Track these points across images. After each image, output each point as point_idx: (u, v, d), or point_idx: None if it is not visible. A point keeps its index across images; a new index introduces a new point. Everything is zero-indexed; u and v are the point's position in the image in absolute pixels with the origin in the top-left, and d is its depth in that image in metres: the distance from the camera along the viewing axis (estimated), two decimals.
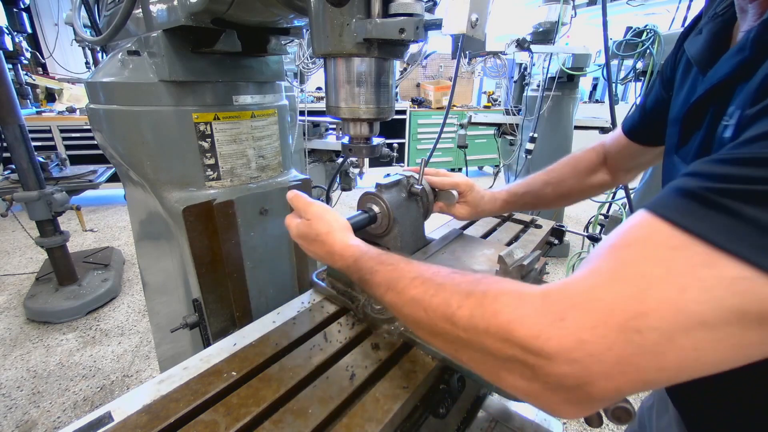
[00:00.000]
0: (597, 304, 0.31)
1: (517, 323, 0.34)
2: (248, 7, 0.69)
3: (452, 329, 0.40)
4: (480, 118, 3.21)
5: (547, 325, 0.32)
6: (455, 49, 1.93)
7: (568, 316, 0.32)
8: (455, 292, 0.41)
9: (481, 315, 0.37)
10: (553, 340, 0.32)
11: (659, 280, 0.30)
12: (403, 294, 0.48)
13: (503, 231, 1.13)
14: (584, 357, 0.31)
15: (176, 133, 0.81)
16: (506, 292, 0.37)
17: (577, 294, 0.33)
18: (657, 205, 0.34)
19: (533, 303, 0.35)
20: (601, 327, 0.30)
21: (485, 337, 0.36)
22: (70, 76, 4.54)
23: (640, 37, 2.16)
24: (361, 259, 0.58)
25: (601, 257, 0.34)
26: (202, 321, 0.92)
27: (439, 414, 0.65)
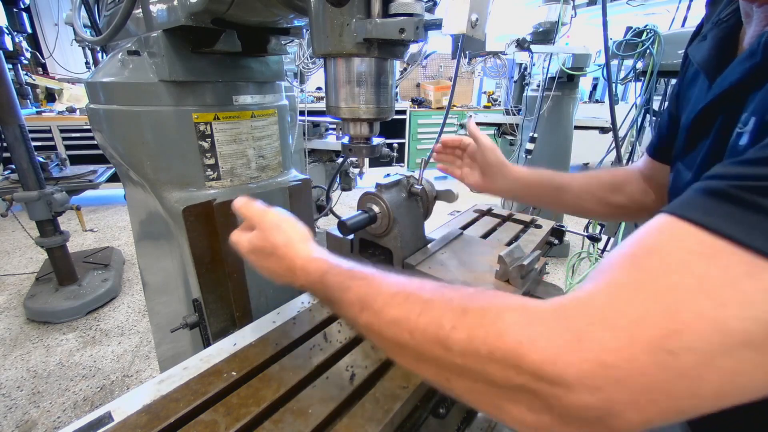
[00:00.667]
0: (620, 322, 0.27)
1: (527, 346, 0.29)
2: (248, 7, 0.69)
3: (445, 354, 0.34)
4: (480, 118, 3.21)
5: (563, 348, 0.28)
6: (455, 49, 1.93)
7: (587, 336, 0.27)
8: (447, 309, 0.35)
9: (483, 337, 0.31)
10: (572, 365, 0.27)
11: (693, 293, 0.26)
12: (381, 314, 0.40)
13: (503, 231, 1.13)
14: (609, 384, 0.26)
15: (176, 133, 0.81)
16: (511, 309, 0.32)
17: (595, 309, 0.29)
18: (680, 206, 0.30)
19: (545, 321, 0.30)
20: (628, 348, 0.26)
21: (488, 364, 0.31)
22: (70, 76, 4.54)
23: (640, 37, 2.15)
24: (329, 273, 0.49)
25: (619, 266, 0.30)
26: (202, 321, 0.92)
27: (439, 414, 0.65)
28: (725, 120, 0.46)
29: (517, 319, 0.31)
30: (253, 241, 0.57)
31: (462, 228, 1.07)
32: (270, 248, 0.56)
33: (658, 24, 2.15)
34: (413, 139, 5.50)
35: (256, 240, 0.57)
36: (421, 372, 0.39)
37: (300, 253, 0.53)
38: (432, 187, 0.87)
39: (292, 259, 0.53)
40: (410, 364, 0.39)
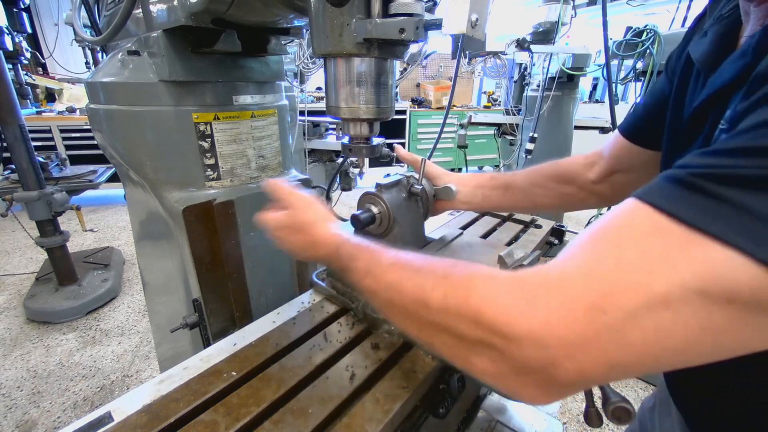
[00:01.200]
0: (567, 287, 0.31)
1: (487, 305, 0.34)
2: (248, 7, 0.69)
3: (425, 312, 0.39)
4: (480, 118, 3.21)
5: (516, 307, 0.32)
6: (455, 49, 1.93)
7: (537, 298, 0.32)
8: (431, 275, 0.41)
9: (454, 296, 0.37)
10: (521, 322, 0.32)
11: (631, 265, 0.30)
12: (379, 279, 0.47)
13: (503, 231, 1.13)
14: (551, 339, 0.30)
15: (176, 133, 0.81)
16: (480, 275, 0.37)
17: (549, 278, 0.33)
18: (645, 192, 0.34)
19: (504, 285, 0.35)
20: (568, 308, 0.30)
21: (457, 320, 0.36)
22: (70, 76, 4.54)
23: (640, 37, 2.16)
24: (343, 246, 0.57)
25: (580, 243, 0.34)
26: (202, 321, 0.92)
27: (439, 414, 0.65)
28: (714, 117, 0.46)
29: (482, 282, 0.36)
30: (283, 219, 0.65)
31: (462, 228, 1.07)
32: (298, 225, 0.64)
33: (658, 24, 2.15)
34: (413, 139, 5.50)
35: (286, 218, 0.65)
36: (408, 329, 0.44)
37: (321, 229, 0.62)
38: (432, 187, 0.87)
39: (315, 235, 0.62)
40: (400, 321, 0.46)
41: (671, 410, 0.70)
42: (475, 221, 1.19)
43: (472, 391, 0.93)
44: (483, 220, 1.20)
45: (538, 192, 0.86)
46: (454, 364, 0.40)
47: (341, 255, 0.57)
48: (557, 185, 0.85)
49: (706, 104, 0.49)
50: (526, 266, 0.69)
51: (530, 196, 0.86)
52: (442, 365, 0.66)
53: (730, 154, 0.30)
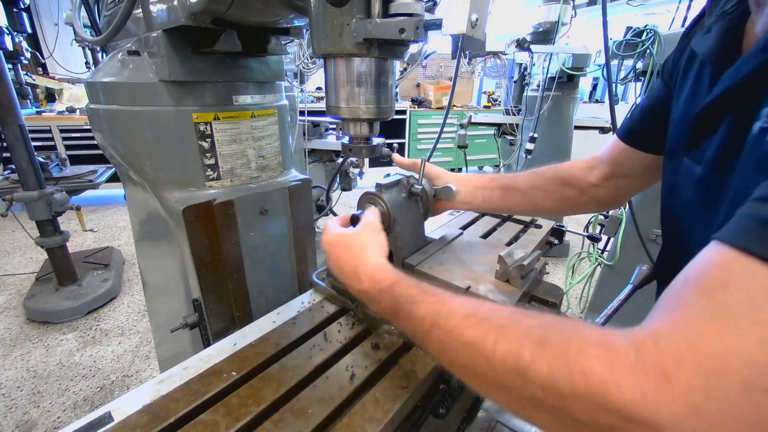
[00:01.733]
0: (707, 361, 0.26)
1: (613, 387, 0.28)
2: (248, 7, 0.69)
3: (524, 385, 0.33)
4: (480, 118, 3.21)
5: (652, 389, 0.27)
6: (455, 49, 1.93)
7: (674, 376, 0.26)
8: (525, 338, 0.34)
9: (566, 374, 0.30)
10: (662, 407, 0.26)
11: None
12: (455, 335, 0.40)
13: (503, 231, 1.13)
14: (702, 428, 0.25)
15: (176, 133, 0.81)
16: (592, 344, 0.31)
17: (679, 348, 0.28)
18: (742, 238, 0.29)
19: (628, 360, 0.29)
20: (719, 389, 0.25)
21: (571, 401, 0.30)
22: (70, 76, 4.54)
23: (640, 37, 2.15)
24: (399, 284, 0.50)
25: (689, 301, 0.30)
26: (202, 321, 0.92)
27: (439, 414, 0.65)
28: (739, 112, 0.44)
29: (599, 355, 0.30)
30: (342, 234, 0.62)
31: (462, 228, 1.07)
32: (348, 242, 0.60)
33: (658, 24, 2.15)
34: (413, 139, 5.50)
35: (342, 234, 0.62)
36: (495, 398, 0.38)
37: (371, 258, 0.57)
38: (431, 187, 0.87)
39: (362, 261, 0.56)
40: (484, 389, 0.39)
41: None
42: (475, 221, 1.19)
43: (472, 391, 0.93)
44: (483, 220, 1.20)
45: (538, 195, 0.85)
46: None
47: (396, 294, 0.49)
48: (558, 188, 0.84)
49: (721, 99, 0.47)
50: (526, 266, 0.69)
51: (531, 198, 0.85)
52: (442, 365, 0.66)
53: None
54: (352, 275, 0.57)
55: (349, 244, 0.60)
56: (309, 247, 1.09)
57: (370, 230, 0.63)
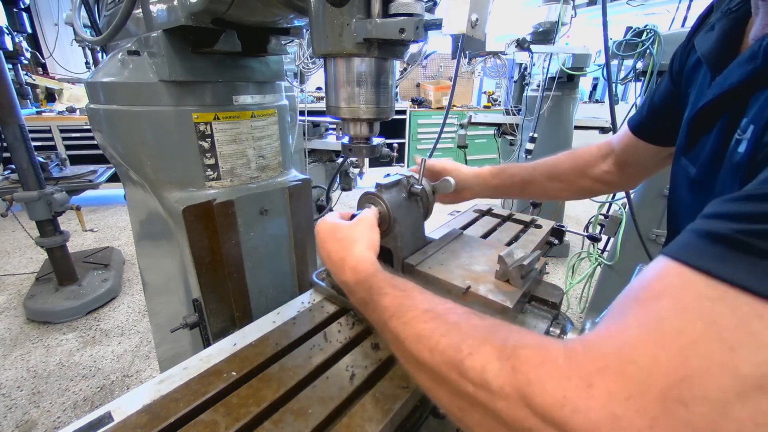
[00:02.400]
0: (630, 368, 0.26)
1: (537, 385, 0.28)
2: (248, 7, 0.69)
3: (459, 380, 0.33)
4: (480, 118, 3.21)
5: (572, 392, 0.27)
6: (455, 49, 1.93)
7: (596, 382, 0.27)
8: (469, 335, 0.35)
9: (497, 371, 0.31)
10: (579, 412, 0.26)
11: (702, 337, 0.25)
12: (409, 326, 0.41)
13: (503, 231, 1.13)
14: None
15: (176, 133, 0.81)
16: (528, 346, 0.31)
17: (605, 355, 0.28)
18: (683, 251, 0.30)
19: (556, 363, 0.29)
20: (637, 398, 0.25)
21: (498, 399, 0.30)
22: (70, 76, 4.54)
23: (640, 37, 2.15)
24: (375, 276, 0.52)
25: (627, 311, 0.30)
26: (202, 321, 0.92)
27: (439, 414, 0.65)
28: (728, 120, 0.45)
29: (530, 357, 0.30)
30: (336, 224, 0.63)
31: (462, 228, 1.07)
32: (341, 234, 0.61)
33: (658, 24, 2.15)
34: (413, 139, 5.50)
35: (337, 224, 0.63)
36: (436, 396, 0.38)
37: (357, 252, 0.58)
38: (431, 185, 0.87)
39: (349, 253, 0.58)
40: (427, 383, 0.39)
41: None
42: (475, 221, 1.19)
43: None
44: (483, 220, 1.20)
45: (556, 186, 0.89)
46: None
47: (369, 285, 0.51)
48: (575, 179, 0.87)
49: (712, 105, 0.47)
50: (526, 266, 0.69)
51: (548, 191, 0.90)
52: None
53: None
54: (338, 265, 0.59)
55: (341, 236, 0.61)
56: (309, 247, 1.09)
57: (363, 225, 0.64)
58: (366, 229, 0.63)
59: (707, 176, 0.49)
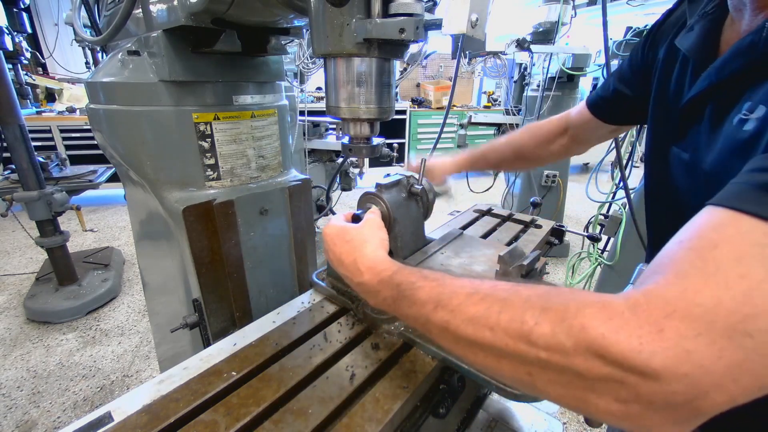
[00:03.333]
0: (697, 310, 0.29)
1: (611, 337, 0.30)
2: (248, 7, 0.69)
3: (529, 350, 0.35)
4: (480, 118, 3.21)
5: (646, 338, 0.29)
6: (455, 49, 1.93)
7: (666, 326, 0.29)
8: (527, 306, 0.36)
9: (567, 331, 0.33)
10: (656, 354, 0.29)
11: (763, 280, 0.28)
12: (458, 312, 0.41)
13: (503, 231, 1.13)
14: (693, 370, 0.28)
15: (176, 133, 0.81)
16: (590, 304, 0.33)
17: (669, 301, 0.30)
18: (737, 200, 0.33)
19: (623, 315, 0.31)
20: (706, 334, 0.28)
21: (573, 356, 0.32)
22: (70, 76, 4.54)
23: (639, 37, 2.15)
24: (399, 272, 0.51)
25: (685, 260, 0.32)
26: (202, 321, 0.92)
27: (439, 414, 0.65)
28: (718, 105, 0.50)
29: (597, 313, 0.32)
30: (343, 227, 0.63)
31: (462, 228, 1.07)
32: (349, 236, 0.60)
33: None
34: (413, 139, 5.50)
35: (344, 227, 0.63)
36: (499, 369, 0.39)
37: (370, 252, 0.58)
38: (431, 187, 0.87)
39: (362, 254, 0.57)
40: (488, 361, 0.40)
41: None
42: (475, 221, 1.19)
43: (472, 391, 0.93)
44: (483, 220, 1.20)
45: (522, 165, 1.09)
46: (562, 405, 0.36)
47: (397, 282, 0.50)
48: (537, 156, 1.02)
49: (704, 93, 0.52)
50: (526, 266, 0.69)
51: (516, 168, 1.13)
52: (442, 365, 0.66)
53: None
54: (351, 268, 0.58)
55: (350, 237, 0.60)
56: (309, 247, 1.09)
57: (372, 226, 0.64)
58: (375, 229, 0.63)
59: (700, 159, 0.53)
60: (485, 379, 0.60)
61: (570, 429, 1.81)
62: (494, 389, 0.59)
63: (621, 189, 2.20)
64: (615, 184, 2.47)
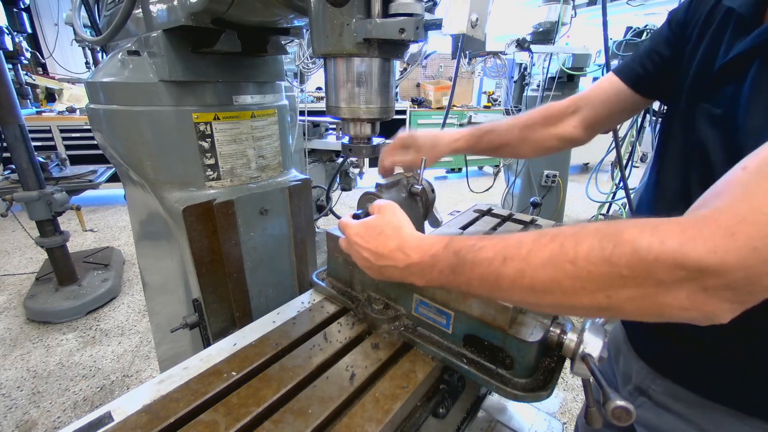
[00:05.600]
0: (761, 218, 0.34)
1: (688, 245, 0.35)
2: (248, 7, 0.69)
3: (611, 270, 0.38)
4: (480, 118, 3.22)
5: (719, 241, 0.34)
6: (455, 49, 1.93)
7: (737, 231, 0.34)
8: (601, 235, 0.40)
9: (647, 247, 0.36)
10: (729, 252, 0.34)
11: None
12: (532, 257, 0.43)
13: (503, 231, 1.13)
14: (758, 262, 0.34)
15: (176, 133, 0.81)
16: (662, 222, 0.38)
17: (738, 212, 0.35)
18: None
19: (696, 226, 0.36)
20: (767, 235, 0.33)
21: (655, 267, 0.36)
22: (70, 76, 4.55)
23: (640, 37, 2.15)
24: (454, 241, 0.52)
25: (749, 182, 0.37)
26: (202, 321, 0.92)
27: (439, 414, 0.65)
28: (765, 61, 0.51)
29: (672, 228, 0.37)
30: (366, 222, 0.61)
31: (462, 228, 1.07)
32: (379, 228, 0.59)
33: (657, 24, 2.15)
34: None
35: (368, 221, 0.61)
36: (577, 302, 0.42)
37: (410, 233, 0.57)
38: (432, 188, 0.87)
39: (403, 238, 0.56)
40: (565, 299, 0.42)
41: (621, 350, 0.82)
42: (475, 221, 1.19)
43: (472, 391, 0.93)
44: (483, 220, 1.20)
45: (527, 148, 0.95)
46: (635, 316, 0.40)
47: (455, 250, 0.51)
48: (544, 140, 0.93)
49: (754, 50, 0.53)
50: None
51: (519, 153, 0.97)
52: (442, 365, 0.66)
53: None
54: (395, 255, 0.56)
55: (380, 229, 0.59)
56: (309, 247, 1.09)
57: (393, 211, 0.61)
58: (398, 213, 0.62)
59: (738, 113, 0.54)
60: (485, 379, 0.60)
61: (570, 429, 1.81)
62: (494, 389, 0.59)
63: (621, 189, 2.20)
64: (615, 184, 2.47)
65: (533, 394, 0.58)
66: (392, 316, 0.72)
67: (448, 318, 0.66)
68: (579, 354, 0.54)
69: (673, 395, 0.69)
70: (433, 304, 0.67)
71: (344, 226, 0.63)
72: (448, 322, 0.66)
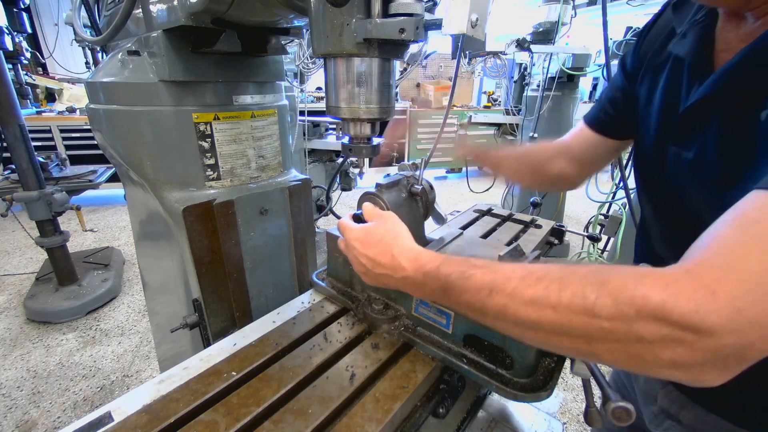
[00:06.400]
0: (744, 274, 0.34)
1: (670, 303, 0.34)
2: (248, 7, 0.69)
3: (591, 322, 0.38)
4: (480, 118, 3.22)
5: (701, 300, 0.33)
6: (455, 49, 1.93)
7: (718, 289, 0.33)
8: (586, 283, 0.39)
9: (629, 301, 0.36)
10: (711, 313, 0.33)
11: None
12: (516, 295, 0.43)
13: (503, 231, 1.13)
14: (744, 324, 0.33)
15: (176, 133, 0.81)
16: (646, 275, 0.37)
17: (719, 267, 0.35)
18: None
19: (680, 282, 0.35)
20: (754, 292, 0.33)
21: (635, 323, 0.35)
22: (70, 76, 4.55)
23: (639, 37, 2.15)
24: (446, 263, 0.51)
25: (728, 235, 0.37)
26: (202, 321, 0.92)
27: (439, 414, 0.65)
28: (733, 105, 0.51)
29: (655, 282, 0.36)
30: (366, 228, 0.61)
31: (462, 228, 1.07)
32: (378, 236, 0.59)
33: None
34: (413, 139, 5.50)
35: (368, 227, 0.61)
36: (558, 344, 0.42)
37: (407, 245, 0.57)
38: (432, 188, 0.87)
39: (400, 249, 0.57)
40: (550, 339, 0.42)
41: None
42: (475, 221, 1.19)
43: (472, 391, 0.93)
44: (483, 220, 1.20)
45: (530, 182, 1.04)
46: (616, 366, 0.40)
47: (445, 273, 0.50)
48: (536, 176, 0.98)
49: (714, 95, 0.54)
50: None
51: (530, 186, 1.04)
52: (442, 365, 0.66)
53: None
54: (391, 265, 0.56)
55: (379, 237, 0.59)
56: (309, 247, 1.09)
57: (393, 220, 0.62)
58: (398, 223, 0.62)
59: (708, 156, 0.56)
60: (485, 379, 0.60)
61: (570, 429, 1.81)
62: (494, 389, 0.59)
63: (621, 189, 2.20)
64: (615, 184, 2.47)
65: (533, 394, 0.58)
66: (392, 316, 0.72)
67: (448, 318, 0.66)
68: None
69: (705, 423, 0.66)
70: (433, 304, 0.67)
71: (344, 229, 0.63)
72: (448, 322, 0.66)
